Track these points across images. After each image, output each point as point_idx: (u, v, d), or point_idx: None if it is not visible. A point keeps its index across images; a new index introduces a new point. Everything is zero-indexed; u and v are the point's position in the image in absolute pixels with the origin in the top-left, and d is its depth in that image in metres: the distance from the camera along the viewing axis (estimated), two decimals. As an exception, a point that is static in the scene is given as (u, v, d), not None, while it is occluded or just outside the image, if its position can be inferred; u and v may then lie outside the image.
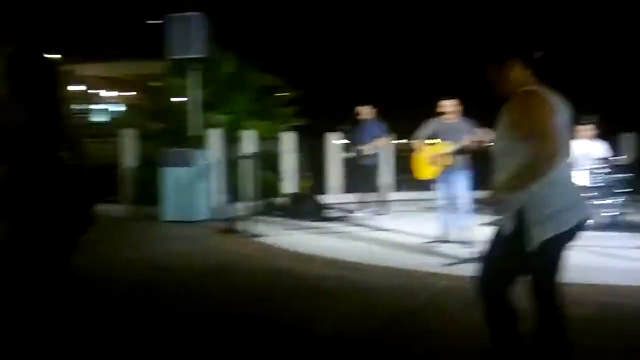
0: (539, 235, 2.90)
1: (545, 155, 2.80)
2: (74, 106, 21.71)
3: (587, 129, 8.58)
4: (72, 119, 3.97)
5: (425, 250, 7.12)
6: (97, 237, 8.48)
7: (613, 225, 8.07)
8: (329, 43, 31.35)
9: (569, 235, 2.97)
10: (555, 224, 2.90)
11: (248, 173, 9.15)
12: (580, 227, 3.00)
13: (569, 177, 3.10)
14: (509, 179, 2.91)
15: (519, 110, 2.95)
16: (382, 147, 10.62)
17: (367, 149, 10.20)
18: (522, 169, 2.85)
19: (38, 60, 3.58)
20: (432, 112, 7.66)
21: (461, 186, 7.30)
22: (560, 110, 2.98)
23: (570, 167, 3.13)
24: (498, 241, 3.10)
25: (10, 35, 19.27)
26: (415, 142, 7.62)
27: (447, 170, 7.29)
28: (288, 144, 12.30)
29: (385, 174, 10.49)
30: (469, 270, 5.84)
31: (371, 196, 10.74)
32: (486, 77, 3.13)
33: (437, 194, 7.61)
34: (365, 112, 10.42)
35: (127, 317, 4.58)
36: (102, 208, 10.73)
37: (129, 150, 11.06)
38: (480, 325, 3.26)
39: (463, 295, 5.16)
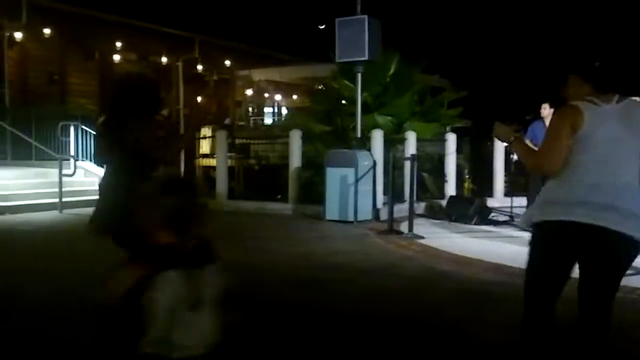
0: (528, 216, 3.12)
1: (528, 163, 3.16)
2: (250, 109, 23.02)
3: None
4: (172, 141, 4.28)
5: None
6: (263, 234, 8.99)
7: None
8: (496, 42, 30.37)
9: (567, 231, 2.90)
10: (545, 211, 2.99)
11: (409, 174, 9.16)
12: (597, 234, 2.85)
13: (585, 180, 2.92)
14: None
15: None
16: None
17: None
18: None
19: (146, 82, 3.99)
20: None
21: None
22: (601, 123, 2.87)
23: (598, 174, 2.91)
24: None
25: (193, 44, 20.81)
26: None
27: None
28: (450, 145, 12.14)
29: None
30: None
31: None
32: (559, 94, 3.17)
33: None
34: (545, 111, 9.96)
35: (292, 314, 4.80)
36: (270, 207, 11.42)
37: (295, 151, 11.50)
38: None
39: (637, 309, 4.84)
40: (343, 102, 13.01)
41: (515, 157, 10.44)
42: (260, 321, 4.53)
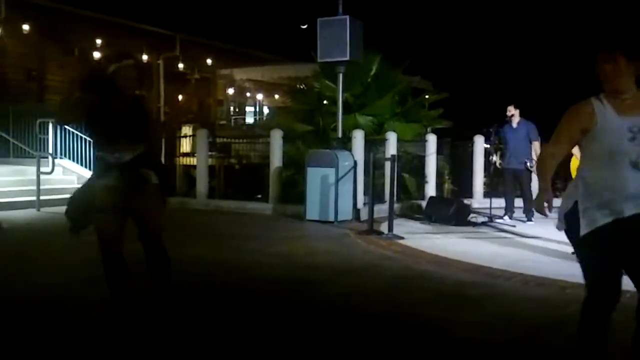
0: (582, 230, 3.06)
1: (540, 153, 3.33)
2: (231, 108, 22.96)
3: None
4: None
5: (574, 260, 6.77)
6: (242, 233, 8.96)
7: None
8: (477, 44, 30.60)
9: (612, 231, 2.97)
10: (585, 222, 3.03)
11: (389, 175, 9.20)
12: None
13: (608, 179, 3.02)
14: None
15: None
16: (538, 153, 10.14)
17: (526, 161, 9.83)
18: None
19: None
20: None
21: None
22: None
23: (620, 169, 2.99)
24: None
25: (174, 42, 20.70)
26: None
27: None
28: (431, 146, 12.20)
29: (531, 178, 10.08)
30: (625, 284, 5.55)
31: (518, 202, 10.40)
32: None
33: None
34: (514, 112, 10.09)
35: (271, 313, 4.79)
36: (250, 206, 11.40)
37: (276, 151, 11.50)
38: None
39: (617, 310, 4.89)
40: (324, 102, 13.03)
41: (494, 159, 10.55)
42: (240, 319, 4.52)
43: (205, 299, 5.12)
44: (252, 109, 24.57)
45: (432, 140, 12.29)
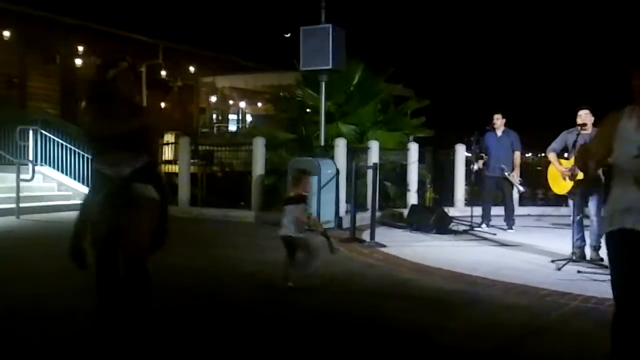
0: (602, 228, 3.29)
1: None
2: (214, 116, 22.92)
3: None
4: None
5: (554, 268, 6.86)
6: (225, 241, 8.93)
7: None
8: (459, 53, 30.84)
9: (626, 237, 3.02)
10: (607, 222, 3.14)
11: (371, 183, 9.23)
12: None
13: (620, 188, 3.10)
14: None
15: None
16: (519, 163, 10.22)
17: (511, 172, 9.92)
18: None
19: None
20: (562, 123, 7.44)
21: (596, 202, 6.98)
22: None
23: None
24: None
25: (156, 50, 20.65)
26: (549, 155, 7.39)
27: (582, 186, 6.99)
28: (413, 155, 12.27)
29: (513, 187, 10.18)
30: (603, 291, 5.63)
31: (497, 210, 10.49)
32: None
33: (571, 210, 7.30)
34: (498, 121, 10.19)
35: (254, 321, 4.79)
36: (233, 214, 11.37)
37: (258, 159, 11.49)
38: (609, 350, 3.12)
39: (596, 317, 4.95)
40: (307, 110, 13.06)
41: (475, 167, 10.63)
42: (223, 328, 4.51)
43: (188, 307, 5.10)
44: (235, 116, 24.55)
45: (413, 148, 12.35)
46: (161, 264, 4.77)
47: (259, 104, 22.74)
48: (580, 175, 6.95)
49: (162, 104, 21.91)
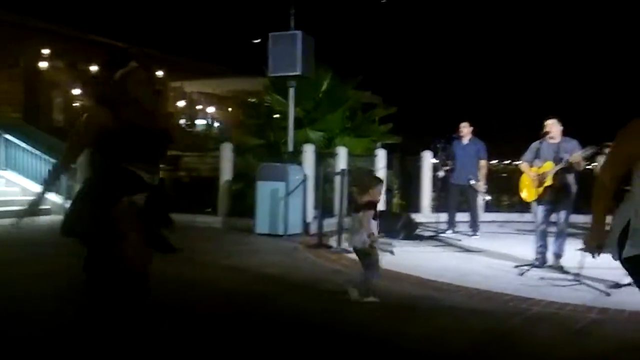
0: (627, 251, 2.81)
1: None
2: (182, 121, 22.77)
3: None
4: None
5: (517, 273, 6.96)
6: (191, 247, 8.87)
7: None
8: (427, 60, 31.15)
9: None
10: (631, 242, 2.80)
11: (339, 189, 9.27)
12: None
13: None
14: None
15: None
16: (485, 172, 10.36)
17: (477, 181, 10.05)
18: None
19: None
20: (531, 133, 7.58)
21: (563, 209, 7.12)
22: None
23: None
24: None
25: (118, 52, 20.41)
26: (522, 164, 7.53)
27: (548, 193, 7.12)
28: (380, 161, 12.34)
29: (478, 194, 10.32)
30: (564, 296, 5.74)
31: (462, 216, 10.61)
32: None
33: (537, 217, 7.43)
34: (464, 129, 10.32)
35: (216, 326, 4.77)
36: (200, 219, 11.30)
37: (226, 164, 11.45)
38: (572, 355, 3.18)
39: (557, 322, 5.05)
40: (276, 116, 13.05)
41: (441, 174, 10.76)
42: (187, 333, 4.48)
43: (151, 313, 5.05)
44: (203, 121, 24.42)
45: (381, 155, 12.43)
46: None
47: (228, 109, 22.67)
48: (548, 182, 7.09)
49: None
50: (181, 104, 22.49)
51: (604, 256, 3.06)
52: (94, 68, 18.61)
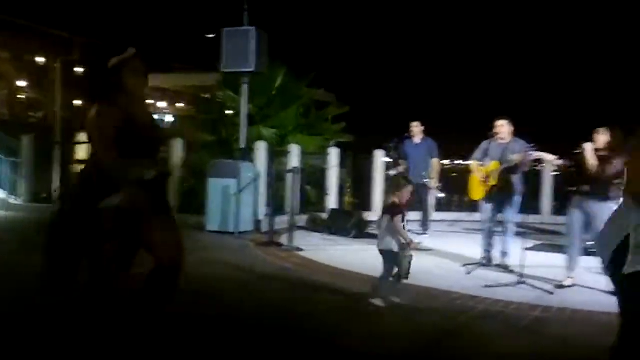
0: (628, 267, 2.58)
1: None
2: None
3: None
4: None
5: (465, 272, 7.06)
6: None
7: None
8: (380, 60, 31.38)
9: None
10: (634, 259, 2.56)
11: (291, 187, 9.24)
12: None
13: None
14: None
15: None
16: (438, 170, 10.47)
17: (428, 177, 10.14)
18: None
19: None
20: (482, 133, 7.69)
21: (508, 209, 7.24)
22: None
23: None
24: None
25: (71, 45, 19.95)
26: (471, 164, 7.62)
27: (495, 192, 7.23)
28: (333, 159, 12.37)
29: (429, 193, 10.43)
30: (509, 295, 5.85)
31: (414, 215, 10.70)
32: None
33: (483, 216, 7.54)
34: (416, 129, 10.41)
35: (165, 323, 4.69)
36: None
37: (178, 161, 11.29)
38: (517, 353, 3.23)
39: (503, 320, 5.15)
40: (229, 112, 12.94)
41: (393, 173, 10.83)
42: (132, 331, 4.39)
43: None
44: (155, 117, 24.06)
45: (334, 153, 12.46)
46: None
47: (181, 105, 22.39)
48: (493, 182, 7.21)
49: (79, 102, 21.21)
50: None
51: (547, 255, 3.09)
52: (40, 59, 18.15)
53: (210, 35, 13.40)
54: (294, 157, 11.38)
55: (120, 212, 3.47)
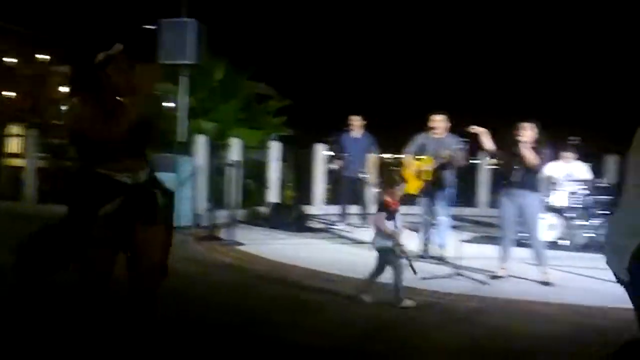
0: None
1: None
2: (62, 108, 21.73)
3: (569, 151, 8.77)
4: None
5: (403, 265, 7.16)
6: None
7: (589, 246, 8.17)
8: (321, 54, 31.45)
9: None
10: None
11: (232, 181, 9.17)
12: None
13: None
14: None
15: None
16: (375, 164, 10.57)
17: (364, 171, 10.21)
18: None
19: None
20: (417, 126, 7.80)
21: (443, 202, 7.39)
22: None
23: None
24: None
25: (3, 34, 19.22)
26: (405, 157, 7.71)
27: (430, 186, 7.38)
28: (274, 153, 12.33)
29: (369, 187, 10.54)
30: (446, 286, 5.98)
31: (354, 208, 10.79)
32: None
33: (419, 209, 7.69)
34: (356, 123, 10.48)
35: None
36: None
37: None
38: (454, 342, 3.30)
39: (440, 311, 5.26)
40: (169, 105, 12.70)
41: (333, 166, 10.90)
42: (60, 329, 4.28)
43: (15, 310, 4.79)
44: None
45: (274, 147, 12.42)
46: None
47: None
48: (426, 176, 7.34)
49: (7, 93, 20.47)
50: (66, 89, 21.48)
51: (482, 247, 3.16)
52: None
53: (149, 27, 13.13)
54: (235, 150, 11.29)
55: (112, 219, 3.37)
